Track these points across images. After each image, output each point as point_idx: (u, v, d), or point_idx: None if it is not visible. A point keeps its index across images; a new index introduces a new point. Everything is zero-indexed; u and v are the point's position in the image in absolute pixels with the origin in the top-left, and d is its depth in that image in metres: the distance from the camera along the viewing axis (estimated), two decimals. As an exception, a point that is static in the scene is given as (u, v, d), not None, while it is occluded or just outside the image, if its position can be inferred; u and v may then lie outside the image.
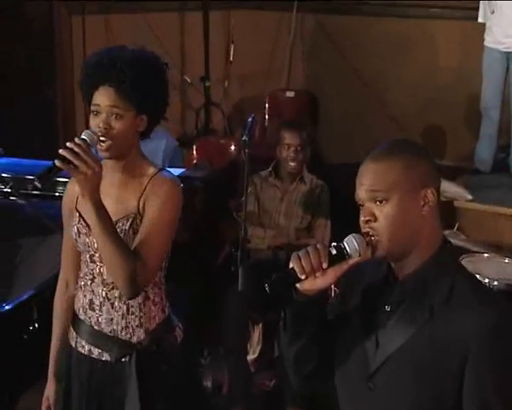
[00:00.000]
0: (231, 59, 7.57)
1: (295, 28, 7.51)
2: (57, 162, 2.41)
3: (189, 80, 7.46)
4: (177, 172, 4.66)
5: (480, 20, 6.11)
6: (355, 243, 1.96)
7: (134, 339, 2.75)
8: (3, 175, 4.20)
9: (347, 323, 2.09)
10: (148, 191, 2.68)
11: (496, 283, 4.02)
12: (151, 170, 2.73)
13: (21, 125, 6.27)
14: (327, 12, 7.48)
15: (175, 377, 2.80)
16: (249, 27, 7.61)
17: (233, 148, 6.19)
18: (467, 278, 2.01)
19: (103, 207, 2.54)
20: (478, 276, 3.86)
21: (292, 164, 4.79)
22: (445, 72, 6.97)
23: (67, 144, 2.44)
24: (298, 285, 1.98)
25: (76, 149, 2.43)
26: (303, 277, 1.94)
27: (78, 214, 2.74)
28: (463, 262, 4.07)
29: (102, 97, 2.62)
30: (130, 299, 2.70)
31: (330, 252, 1.96)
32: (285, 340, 2.10)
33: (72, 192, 2.80)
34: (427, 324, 1.92)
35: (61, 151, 2.43)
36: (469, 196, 4.20)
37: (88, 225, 2.68)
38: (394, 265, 2.03)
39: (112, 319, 2.74)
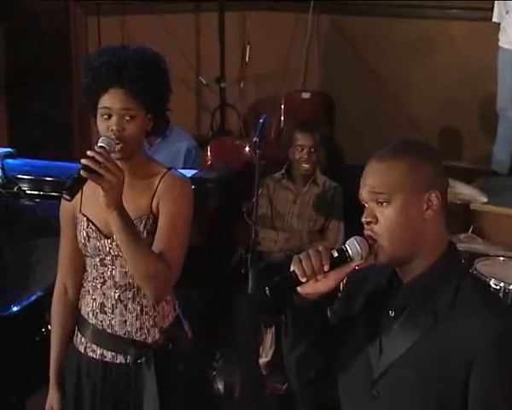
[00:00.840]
0: (247, 60, 7.54)
1: (311, 29, 7.47)
2: (82, 173, 2.39)
3: (204, 81, 7.44)
4: (189, 173, 4.64)
5: (494, 19, 6.05)
6: (357, 246, 1.92)
7: (149, 339, 2.72)
8: (14, 176, 4.18)
9: (351, 328, 2.05)
10: (161, 191, 2.65)
11: (512, 286, 3.95)
12: (160, 170, 2.71)
13: (37, 126, 6.27)
14: (343, 13, 7.44)
15: (191, 376, 2.79)
16: (265, 28, 7.59)
17: (247, 149, 6.15)
18: (472, 282, 1.96)
19: (127, 214, 2.52)
20: (493, 279, 3.81)
21: (305, 166, 4.76)
22: (462, 72, 6.91)
23: (88, 153, 2.42)
24: (299, 289, 1.94)
25: (98, 157, 2.41)
26: (304, 280, 1.91)
27: (85, 219, 2.71)
28: (478, 266, 4.01)
29: (113, 99, 2.59)
30: (157, 302, 2.69)
31: (332, 255, 1.93)
32: (286, 345, 2.07)
33: None
34: (431, 330, 1.88)
35: (83, 161, 2.40)
36: (484, 199, 4.16)
37: (98, 229, 2.67)
38: (398, 269, 1.99)
39: (125, 321, 2.71)
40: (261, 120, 3.73)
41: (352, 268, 1.94)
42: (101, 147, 2.47)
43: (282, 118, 7.20)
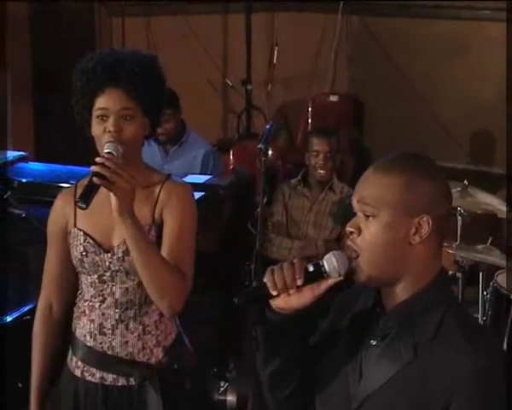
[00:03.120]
0: (275, 61, 7.43)
1: (340, 30, 7.35)
2: (95, 180, 2.31)
3: (230, 83, 7.35)
4: (202, 179, 4.56)
5: None
6: (334, 262, 1.80)
7: (153, 360, 2.60)
8: (31, 182, 4.13)
9: (334, 348, 1.92)
10: (164, 200, 2.56)
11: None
12: (158, 177, 2.62)
13: (61, 129, 6.23)
14: (373, 13, 7.31)
15: (198, 394, 2.69)
16: (293, 29, 7.48)
17: (270, 153, 6.05)
18: (458, 315, 1.81)
19: (140, 223, 2.44)
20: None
21: (321, 172, 4.65)
22: (496, 74, 6.74)
23: (98, 160, 2.34)
24: (271, 302, 1.82)
25: (108, 163, 2.33)
26: (274, 293, 1.79)
27: (82, 233, 2.59)
28: (499, 278, 3.86)
29: (110, 100, 2.48)
30: (173, 316, 2.59)
31: (307, 269, 1.80)
32: (259, 360, 1.94)
33: (61, 211, 2.65)
34: (410, 362, 1.76)
35: (94, 168, 2.33)
36: (504, 208, 4.02)
37: (97, 243, 2.56)
38: (382, 292, 1.86)
39: (127, 342, 2.58)
40: (267, 127, 3.65)
41: (329, 285, 1.81)
42: (108, 153, 2.39)
43: (310, 121, 7.09)
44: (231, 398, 4.35)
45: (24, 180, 4.11)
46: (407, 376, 1.75)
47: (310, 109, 7.11)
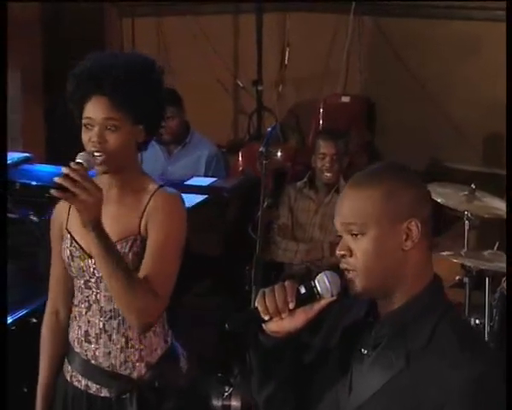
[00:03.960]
0: (286, 62, 7.39)
1: (352, 31, 7.29)
2: (53, 192, 2.25)
3: (241, 84, 7.31)
4: (206, 181, 4.53)
5: None
6: (326, 282, 1.77)
7: (134, 374, 2.54)
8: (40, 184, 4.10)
9: (324, 365, 1.88)
10: (151, 210, 2.48)
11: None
12: (151, 186, 2.53)
13: (72, 131, 6.21)
14: (385, 14, 7.26)
15: None
16: (305, 30, 7.43)
17: (279, 154, 6.02)
18: (452, 322, 1.78)
19: (107, 235, 2.36)
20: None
21: (327, 174, 4.60)
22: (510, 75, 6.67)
23: (63, 170, 2.27)
24: (264, 326, 1.78)
25: (73, 174, 2.26)
26: (266, 318, 1.75)
27: (69, 236, 2.55)
28: (506, 283, 3.79)
29: (96, 109, 2.43)
30: (142, 333, 2.51)
31: (299, 290, 1.77)
32: (253, 384, 1.90)
33: (60, 212, 2.61)
34: (401, 371, 1.72)
35: (56, 179, 2.26)
36: (510, 213, 3.96)
37: (82, 248, 2.51)
38: (378, 302, 1.82)
39: (109, 353, 2.53)
40: (269, 129, 3.61)
41: (322, 306, 1.79)
42: (78, 163, 2.32)
43: (321, 122, 7.04)
44: (236, 403, 4.30)
45: (27, 182, 4.09)
46: (399, 384, 1.72)
47: (321, 110, 7.07)
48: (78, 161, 2.33)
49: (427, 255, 1.81)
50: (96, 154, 2.41)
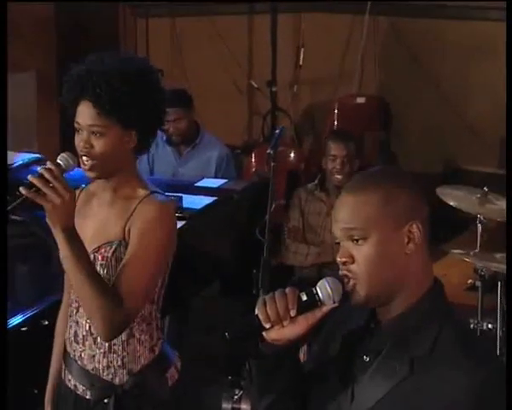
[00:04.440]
0: (301, 63, 7.35)
1: (367, 31, 7.24)
2: (22, 190, 2.24)
3: (255, 85, 7.28)
4: (216, 183, 4.50)
5: None
6: (328, 289, 1.74)
7: (116, 380, 2.53)
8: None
9: (324, 373, 1.85)
10: (135, 216, 2.46)
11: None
12: (142, 192, 2.51)
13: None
14: (401, 14, 7.20)
15: None
16: (320, 30, 7.38)
17: (292, 155, 6.01)
18: (455, 327, 1.76)
19: (77, 238, 2.34)
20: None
21: (338, 177, 4.56)
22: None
23: (39, 170, 2.27)
24: (264, 335, 1.75)
25: (46, 174, 2.25)
26: (268, 326, 1.72)
27: None
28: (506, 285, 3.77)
29: (82, 114, 2.43)
30: (106, 342, 2.49)
31: (300, 297, 1.74)
32: (253, 394, 1.87)
33: None
34: (405, 379, 1.69)
35: (30, 177, 2.26)
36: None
37: None
38: (377, 309, 1.79)
39: (94, 356, 2.53)
40: (277, 131, 3.57)
41: (323, 313, 1.76)
42: (56, 164, 2.31)
43: (336, 123, 7.00)
44: (245, 407, 4.28)
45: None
46: (402, 391, 1.69)
47: (336, 111, 7.01)
48: (57, 161, 2.33)
49: (427, 259, 1.79)
50: (83, 158, 2.42)
